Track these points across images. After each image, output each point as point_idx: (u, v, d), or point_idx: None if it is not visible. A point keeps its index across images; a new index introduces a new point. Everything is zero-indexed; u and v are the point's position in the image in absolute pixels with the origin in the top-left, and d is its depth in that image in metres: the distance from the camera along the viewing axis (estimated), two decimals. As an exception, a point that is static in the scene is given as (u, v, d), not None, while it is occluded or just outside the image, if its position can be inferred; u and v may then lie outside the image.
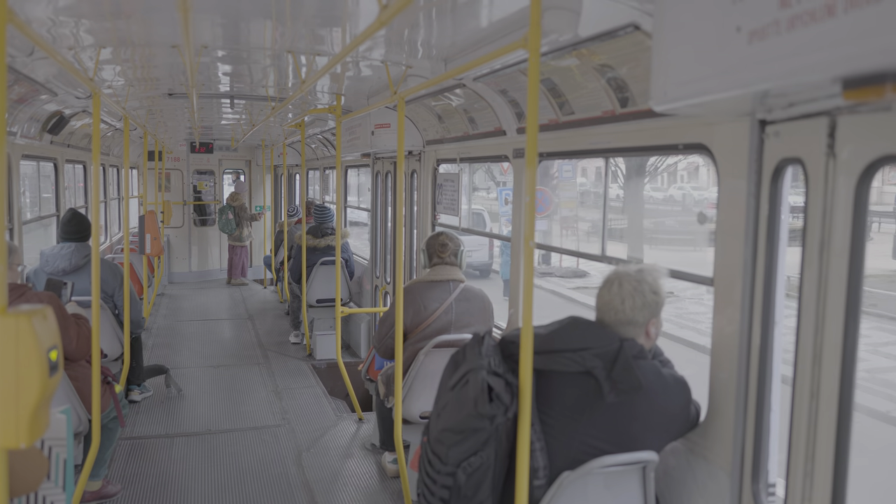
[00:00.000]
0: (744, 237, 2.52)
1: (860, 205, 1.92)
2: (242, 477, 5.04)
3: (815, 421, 2.04)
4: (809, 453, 2.14)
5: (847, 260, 1.94)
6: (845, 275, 1.95)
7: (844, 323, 1.96)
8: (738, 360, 2.59)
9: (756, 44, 1.68)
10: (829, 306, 1.98)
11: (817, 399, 2.04)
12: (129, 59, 4.90)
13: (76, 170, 8.75)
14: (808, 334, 2.13)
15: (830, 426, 2.03)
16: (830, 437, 2.03)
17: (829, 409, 2.03)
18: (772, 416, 2.52)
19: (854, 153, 1.90)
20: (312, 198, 13.30)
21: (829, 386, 2.02)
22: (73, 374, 4.13)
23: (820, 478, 2.08)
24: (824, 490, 2.06)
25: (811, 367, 2.09)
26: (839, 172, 1.92)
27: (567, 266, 20.77)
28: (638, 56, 2.93)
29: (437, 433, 2.59)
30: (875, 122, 1.89)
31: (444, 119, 5.72)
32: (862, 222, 1.94)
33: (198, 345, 9.04)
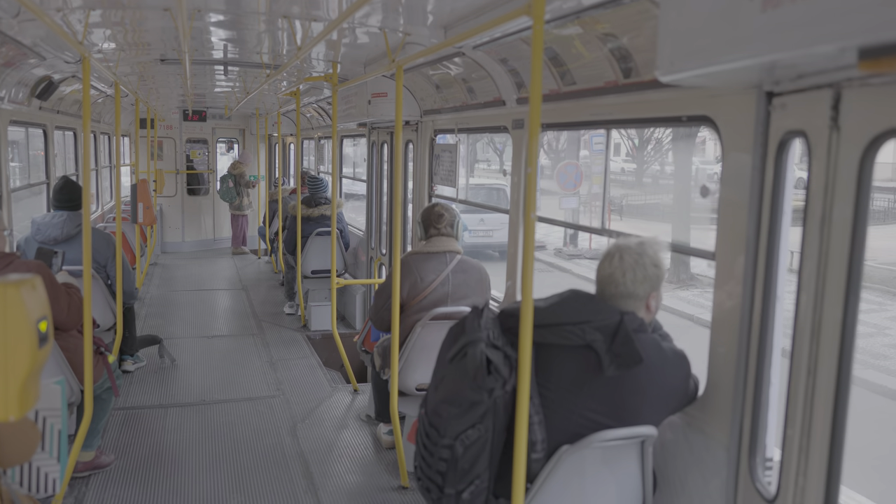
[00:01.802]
0: (747, 211, 2.49)
1: (864, 179, 1.88)
2: (237, 447, 5.05)
3: (812, 396, 2.02)
4: (805, 428, 2.12)
5: (849, 235, 1.91)
6: (847, 250, 1.91)
7: (845, 299, 1.94)
8: (738, 334, 2.57)
9: (769, 11, 1.62)
10: (830, 282, 1.95)
11: (814, 375, 2.02)
12: (120, 23, 4.79)
13: (66, 137, 8.63)
14: (807, 310, 2.10)
15: (828, 402, 2.01)
16: (828, 413, 2.01)
17: (827, 384, 2.01)
18: (770, 391, 2.51)
19: (858, 126, 1.85)
20: (307, 168, 13.20)
21: (827, 362, 1.99)
22: (65, 344, 4.09)
23: (815, 454, 2.07)
24: (820, 465, 2.05)
25: (809, 342, 2.06)
26: (842, 146, 1.88)
27: (597, 248, 19.64)
28: (643, 25, 2.87)
29: (435, 405, 2.57)
30: (881, 95, 1.84)
31: (442, 88, 5.63)
32: (865, 197, 1.90)
33: (191, 315, 9.02)
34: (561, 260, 20.67)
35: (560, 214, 20.64)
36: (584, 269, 18.44)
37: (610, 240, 2.94)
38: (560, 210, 20.70)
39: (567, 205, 20.52)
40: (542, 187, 25.67)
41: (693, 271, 17.22)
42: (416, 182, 6.49)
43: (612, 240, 2.85)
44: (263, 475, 4.63)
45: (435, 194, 6.20)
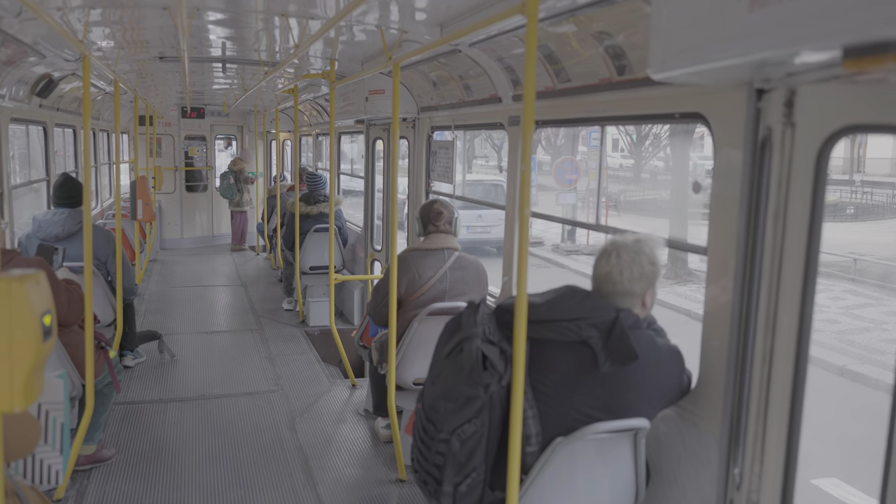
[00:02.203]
0: (738, 207, 2.52)
1: (820, 176, 1.90)
2: (236, 442, 5.09)
3: (768, 386, 2.04)
4: (761, 417, 2.14)
5: (806, 230, 1.92)
6: (804, 245, 1.93)
7: (802, 291, 1.96)
8: (730, 329, 2.61)
9: (757, 11, 1.66)
10: (785, 275, 1.97)
11: (770, 365, 2.04)
12: (119, 21, 4.82)
13: (66, 134, 8.66)
14: (764, 300, 2.12)
15: (784, 392, 2.04)
16: (784, 403, 2.04)
17: (784, 375, 2.03)
18: None
19: (813, 123, 1.87)
20: (305, 165, 13.22)
21: (783, 352, 2.01)
22: (67, 339, 4.13)
23: (772, 442, 2.08)
24: (777, 454, 2.07)
25: (764, 333, 2.09)
26: (797, 142, 1.90)
27: (594, 244, 19.53)
28: (636, 23, 2.90)
29: (432, 400, 2.61)
30: (835, 93, 1.87)
31: (439, 85, 5.66)
32: (821, 193, 1.90)
33: (191, 311, 9.05)
34: (558, 255, 20.71)
35: (557, 210, 20.67)
36: (582, 265, 18.44)
37: (606, 236, 2.98)
38: (557, 206, 20.72)
39: (564, 200, 20.54)
40: (540, 183, 25.70)
41: (690, 267, 17.27)
42: (414, 179, 6.52)
43: (608, 235, 2.89)
44: (262, 469, 4.67)
45: (432, 191, 6.23)
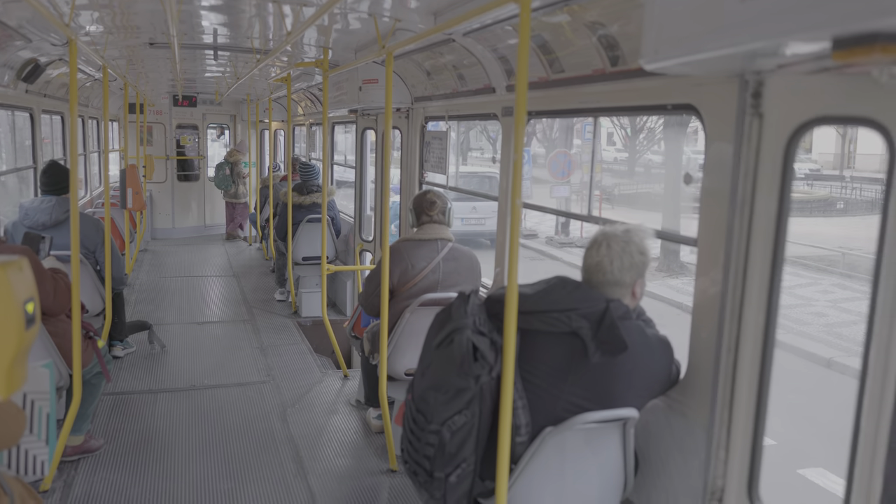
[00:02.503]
0: (728, 199, 2.52)
1: (787, 166, 1.89)
2: (227, 432, 5.07)
3: (734, 374, 2.05)
4: (727, 403, 2.15)
5: (774, 221, 1.90)
6: (772, 236, 1.92)
7: (770, 280, 1.96)
8: (718, 320, 2.61)
9: (749, 2, 1.65)
10: (752, 264, 1.97)
11: (735, 353, 2.04)
12: (108, 5, 4.76)
13: (54, 121, 8.58)
14: (731, 289, 2.12)
15: (752, 381, 2.04)
16: (752, 391, 2.04)
17: (752, 365, 2.03)
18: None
19: (780, 114, 1.86)
20: (298, 155, 13.17)
21: (748, 341, 2.01)
22: (54, 329, 4.10)
23: (738, 431, 2.09)
24: (744, 445, 2.08)
25: (729, 322, 2.09)
26: (765, 132, 1.89)
27: (588, 236, 19.85)
28: (630, 13, 2.89)
29: (422, 392, 2.60)
30: (803, 84, 1.86)
31: (433, 75, 5.63)
32: (789, 184, 1.88)
33: (182, 301, 9.02)
34: (552, 248, 20.74)
35: (552, 203, 20.69)
36: (575, 258, 18.49)
37: (598, 227, 2.97)
38: (552, 199, 20.74)
39: (558, 193, 20.56)
40: (534, 175, 25.69)
41: (683, 260, 17.32)
42: (407, 169, 6.50)
43: (599, 227, 2.88)
44: (253, 460, 4.66)
45: (426, 181, 6.21)
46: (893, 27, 1.39)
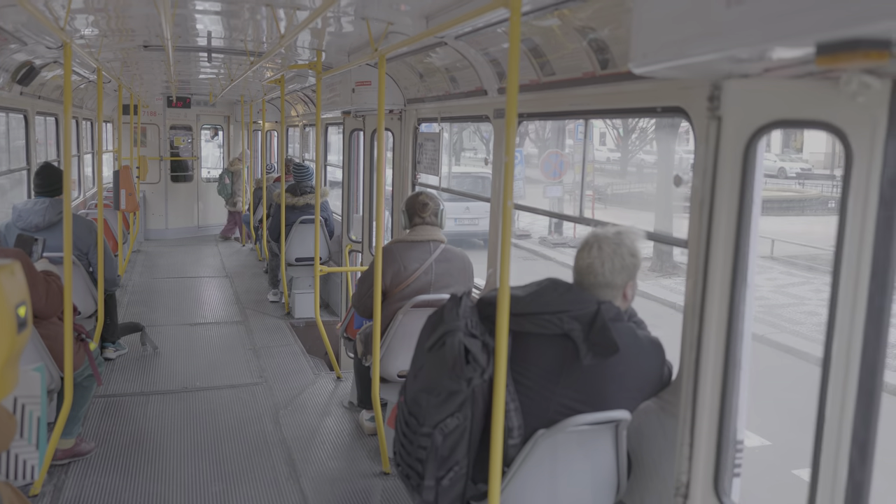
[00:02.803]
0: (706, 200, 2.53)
1: (748, 168, 1.91)
2: (219, 435, 5.07)
3: (697, 374, 2.06)
4: (690, 405, 2.16)
5: (734, 223, 1.93)
6: (732, 238, 1.94)
7: (731, 282, 1.98)
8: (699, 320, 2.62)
9: (734, 7, 1.67)
10: (712, 266, 1.99)
11: (698, 350, 2.06)
12: (103, 9, 4.76)
13: (48, 122, 8.57)
14: (692, 288, 2.14)
15: (715, 383, 2.06)
16: (715, 394, 2.06)
17: (715, 367, 2.05)
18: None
19: (737, 117, 1.88)
20: (291, 156, 13.16)
21: (713, 343, 2.03)
22: (45, 332, 4.09)
23: (701, 434, 2.11)
24: (708, 447, 2.10)
25: (691, 320, 2.10)
26: (723, 135, 1.91)
27: (581, 236, 19.84)
28: (619, 17, 2.91)
29: (414, 394, 2.61)
30: (761, 88, 1.89)
31: (425, 78, 5.65)
32: (749, 186, 1.90)
33: (174, 302, 9.00)
34: (545, 248, 20.78)
35: (545, 203, 20.73)
36: (568, 258, 18.54)
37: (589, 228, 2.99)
38: (545, 199, 20.77)
39: (551, 193, 20.60)
40: (527, 175, 25.72)
41: (675, 260, 17.38)
42: (399, 170, 6.51)
43: (590, 228, 2.90)
44: (246, 462, 4.66)
45: (418, 182, 6.23)
46: (875, 34, 1.41)
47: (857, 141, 1.77)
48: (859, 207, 1.76)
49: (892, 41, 1.45)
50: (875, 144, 1.74)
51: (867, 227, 1.76)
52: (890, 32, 1.40)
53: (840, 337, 1.85)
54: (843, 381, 1.85)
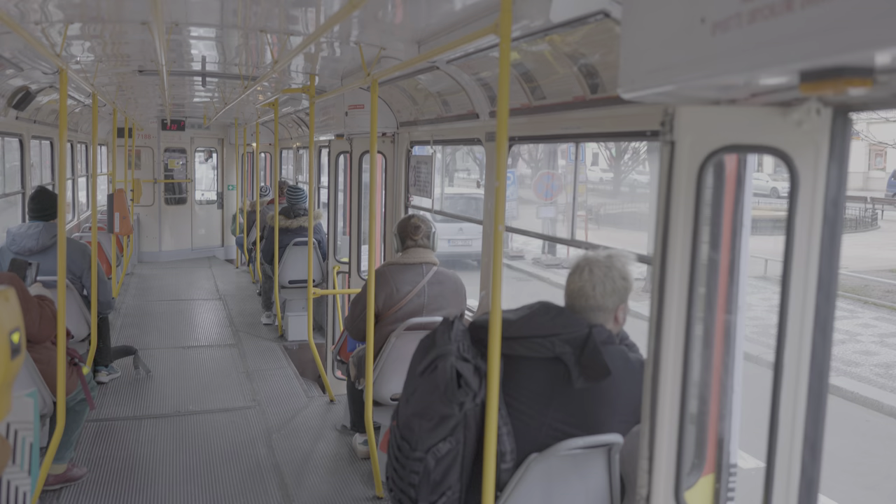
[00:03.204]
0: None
1: (700, 194, 1.96)
2: (212, 459, 5.04)
3: (656, 393, 2.08)
4: (647, 415, 2.17)
5: (689, 246, 1.98)
6: (688, 265, 2.00)
7: (688, 297, 2.02)
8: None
9: (719, 35, 1.70)
10: (669, 285, 2.03)
11: (657, 367, 2.08)
12: (99, 36, 4.81)
13: (43, 146, 8.59)
14: (652, 307, 2.17)
15: (673, 401, 2.08)
16: (673, 415, 2.08)
17: (673, 385, 2.07)
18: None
19: (691, 142, 1.94)
20: (285, 178, 13.20)
21: (668, 367, 2.06)
22: (38, 356, 4.08)
23: (661, 451, 2.12)
24: (668, 464, 2.11)
25: (648, 341, 2.13)
26: (676, 160, 1.96)
27: (575, 257, 20.04)
28: (608, 43, 2.95)
29: (406, 419, 2.61)
30: (713, 113, 1.94)
31: (418, 101, 5.70)
32: (700, 210, 1.97)
33: (167, 325, 8.98)
34: (539, 269, 20.81)
35: (538, 224, 20.80)
36: (562, 279, 18.54)
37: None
38: (538, 219, 20.84)
39: (544, 214, 20.67)
40: (521, 196, 25.83)
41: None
42: (392, 193, 6.54)
43: (579, 251, 2.92)
44: (238, 487, 4.63)
45: (411, 205, 6.26)
46: (858, 62, 1.45)
47: (802, 165, 1.88)
48: (805, 226, 1.89)
49: (874, 69, 1.48)
50: (818, 168, 1.87)
51: (813, 244, 1.90)
52: (873, 61, 1.43)
53: (791, 344, 1.95)
54: (795, 385, 1.96)
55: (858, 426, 10.20)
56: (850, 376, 11.81)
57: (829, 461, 2.11)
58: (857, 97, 1.74)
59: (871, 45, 1.35)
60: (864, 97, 1.74)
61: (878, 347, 13.35)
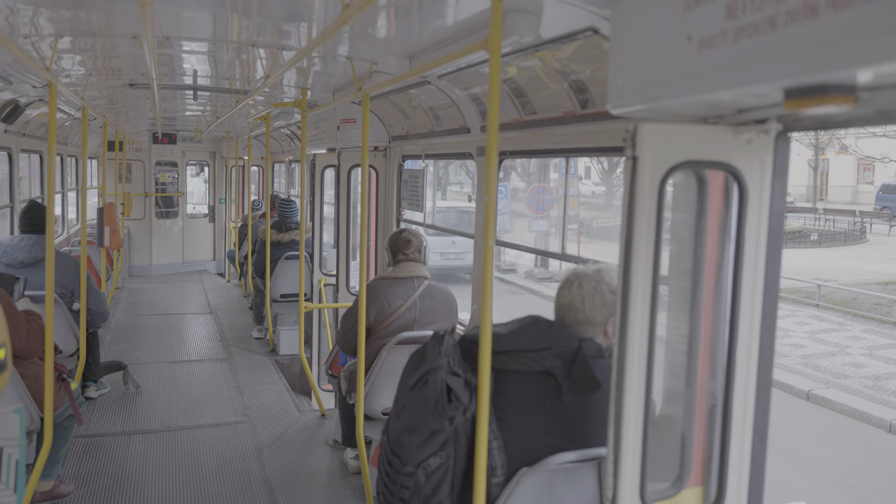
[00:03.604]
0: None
1: (660, 207, 2.00)
2: (202, 475, 5.00)
3: (622, 403, 2.10)
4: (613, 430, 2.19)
5: (651, 260, 2.03)
6: (650, 280, 2.04)
7: (650, 306, 2.05)
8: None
9: (705, 52, 1.72)
10: (632, 294, 2.06)
11: (623, 375, 2.11)
12: (89, 49, 4.81)
13: (32, 158, 8.56)
14: (617, 314, 2.21)
15: (638, 405, 2.10)
16: (638, 417, 2.10)
17: (637, 392, 2.09)
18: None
19: (653, 158, 1.98)
20: (277, 192, 13.20)
21: (633, 370, 2.08)
22: (25, 372, 4.05)
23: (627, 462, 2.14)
24: (633, 476, 2.13)
25: (616, 343, 2.15)
26: (639, 176, 2.00)
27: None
28: (597, 59, 2.97)
29: (397, 434, 2.60)
30: (673, 130, 1.99)
31: (409, 115, 5.72)
32: (660, 224, 2.02)
33: (158, 340, 8.93)
34: (532, 282, 20.83)
35: (530, 237, 20.85)
36: (555, 292, 18.64)
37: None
38: (530, 232, 20.89)
39: (537, 227, 20.72)
40: (514, 210, 25.90)
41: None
42: (384, 207, 6.55)
43: (569, 265, 2.93)
44: (229, 503, 4.59)
45: (403, 219, 6.26)
46: (841, 80, 1.47)
47: (750, 180, 2.03)
48: (753, 235, 2.07)
49: (857, 86, 1.50)
50: (764, 183, 2.04)
51: (760, 251, 2.08)
52: (855, 79, 1.45)
53: (742, 341, 2.12)
54: (745, 378, 2.12)
55: (848, 438, 10.23)
56: (839, 388, 11.85)
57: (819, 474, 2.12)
58: (801, 119, 1.92)
59: (854, 64, 1.37)
60: (806, 119, 1.91)
61: (867, 359, 13.42)
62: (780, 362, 13.14)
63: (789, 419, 10.84)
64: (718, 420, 2.22)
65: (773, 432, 9.91)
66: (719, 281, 2.25)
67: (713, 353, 2.41)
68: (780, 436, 10.05)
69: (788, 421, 10.76)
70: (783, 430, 10.35)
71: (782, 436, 10.10)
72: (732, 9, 1.61)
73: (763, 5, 1.52)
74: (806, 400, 11.61)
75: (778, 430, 10.22)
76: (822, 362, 13.21)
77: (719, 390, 2.25)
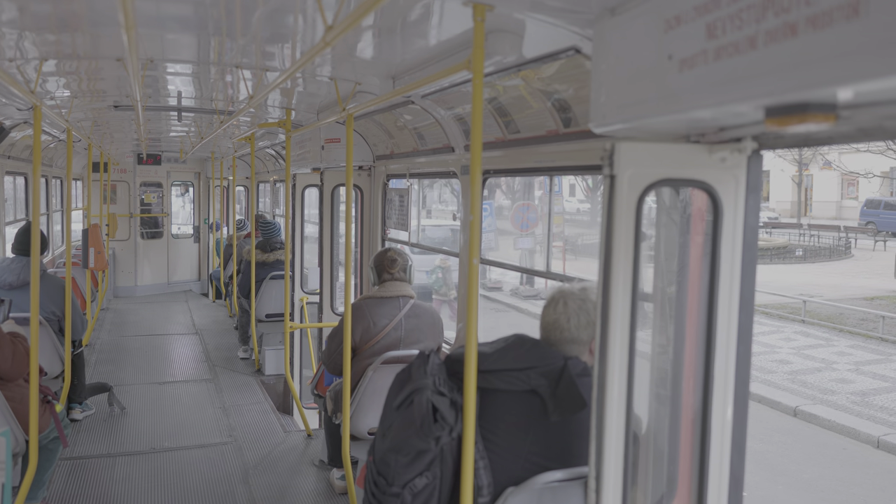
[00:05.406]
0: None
1: (637, 225, 2.03)
2: (187, 497, 4.94)
3: (603, 420, 2.11)
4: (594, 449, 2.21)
5: (630, 275, 2.06)
6: (629, 297, 2.07)
7: (630, 321, 2.07)
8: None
9: (686, 72, 1.74)
10: (612, 309, 2.08)
11: (604, 391, 2.12)
12: (74, 72, 4.81)
13: (17, 180, 8.51)
14: (597, 329, 2.23)
15: (619, 426, 2.11)
16: (620, 429, 2.11)
17: (618, 409, 2.10)
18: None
19: (630, 176, 2.01)
20: (262, 211, 13.16)
21: (613, 387, 2.10)
22: (10, 394, 4.01)
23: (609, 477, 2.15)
24: (616, 478, 2.15)
25: (596, 357, 2.17)
26: (617, 193, 2.03)
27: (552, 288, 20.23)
28: (580, 78, 3.01)
29: (383, 454, 2.59)
30: (649, 149, 2.03)
31: (393, 135, 5.74)
32: (638, 241, 2.06)
33: (143, 361, 8.84)
34: (518, 300, 20.83)
35: (515, 255, 20.89)
36: (540, 310, 18.67)
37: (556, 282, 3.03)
38: (516, 250, 20.93)
39: (522, 245, 20.76)
40: (500, 227, 25.95)
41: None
42: (369, 226, 6.55)
43: (555, 283, 2.93)
44: None
45: (388, 238, 6.27)
46: (821, 98, 1.49)
47: (724, 197, 2.08)
48: (728, 250, 2.12)
49: (837, 105, 1.53)
50: (738, 199, 2.09)
51: (735, 265, 2.12)
52: (835, 97, 1.48)
53: (720, 353, 2.14)
54: (724, 390, 2.15)
55: (836, 454, 10.25)
56: (826, 404, 11.89)
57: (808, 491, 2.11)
58: (781, 137, 1.96)
59: (833, 82, 1.39)
60: (786, 137, 1.95)
61: (853, 375, 13.48)
62: (767, 378, 13.19)
63: (777, 436, 10.85)
64: (699, 434, 2.24)
65: (761, 449, 9.95)
66: (702, 296, 2.27)
67: (697, 369, 2.42)
68: (767, 452, 10.06)
69: (776, 437, 10.77)
70: (771, 446, 10.36)
71: (770, 452, 10.11)
72: (713, 29, 1.64)
73: (743, 25, 1.54)
74: (793, 416, 11.64)
75: (765, 447, 10.23)
76: (808, 378, 13.26)
77: (699, 404, 2.27)
